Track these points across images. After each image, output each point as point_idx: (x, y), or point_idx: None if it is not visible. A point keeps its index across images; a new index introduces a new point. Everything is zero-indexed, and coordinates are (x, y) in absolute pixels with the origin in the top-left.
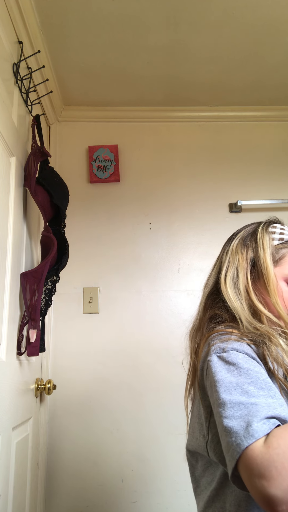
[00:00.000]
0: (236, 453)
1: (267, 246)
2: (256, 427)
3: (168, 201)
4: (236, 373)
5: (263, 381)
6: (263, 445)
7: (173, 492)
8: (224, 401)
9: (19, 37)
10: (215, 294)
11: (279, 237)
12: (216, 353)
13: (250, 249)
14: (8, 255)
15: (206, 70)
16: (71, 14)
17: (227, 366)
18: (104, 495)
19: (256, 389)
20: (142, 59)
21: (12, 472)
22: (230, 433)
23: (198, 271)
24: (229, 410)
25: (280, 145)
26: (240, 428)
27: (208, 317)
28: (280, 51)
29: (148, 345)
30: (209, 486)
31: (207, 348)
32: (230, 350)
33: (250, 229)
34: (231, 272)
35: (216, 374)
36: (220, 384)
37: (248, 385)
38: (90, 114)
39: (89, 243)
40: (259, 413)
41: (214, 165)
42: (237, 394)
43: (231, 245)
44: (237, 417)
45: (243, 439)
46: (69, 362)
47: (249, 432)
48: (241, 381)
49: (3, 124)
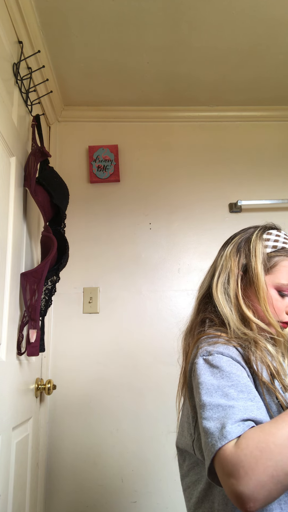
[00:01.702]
0: (211, 453)
1: (259, 254)
2: (230, 429)
3: (168, 201)
4: (218, 376)
5: (244, 384)
6: (234, 446)
7: (173, 492)
8: (204, 402)
9: (19, 37)
10: (207, 298)
11: (272, 244)
12: (202, 356)
13: (243, 256)
14: (8, 255)
15: (206, 70)
16: (71, 14)
17: (211, 369)
18: (104, 495)
19: (236, 392)
20: (142, 59)
21: (12, 472)
22: (207, 434)
23: (198, 271)
24: (208, 412)
25: (280, 145)
26: (216, 429)
27: (199, 320)
28: (280, 51)
29: (148, 345)
30: (194, 486)
31: (195, 350)
32: (215, 354)
33: (246, 234)
34: (222, 278)
35: (200, 376)
36: (203, 386)
37: (228, 388)
38: (90, 114)
39: (89, 243)
40: (235, 415)
41: (214, 165)
42: (217, 396)
43: (226, 250)
44: (214, 419)
45: (217, 440)
46: (69, 362)
47: (223, 433)
48: (222, 384)
49: (3, 124)
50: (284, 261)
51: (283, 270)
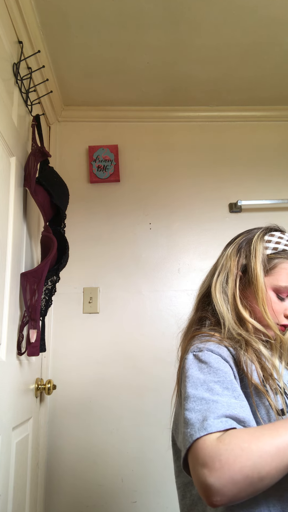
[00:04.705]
0: (188, 442)
1: (259, 255)
2: (212, 422)
3: (168, 201)
4: (206, 371)
5: (230, 381)
6: (216, 439)
7: (173, 492)
8: (189, 394)
9: (19, 37)
10: (206, 296)
11: (273, 246)
12: (193, 352)
13: (243, 256)
14: (8, 255)
15: (206, 70)
16: (71, 14)
17: (199, 364)
18: (104, 495)
19: (221, 388)
20: (142, 59)
21: (12, 472)
22: (187, 424)
23: (198, 271)
24: (191, 403)
25: (280, 145)
26: (197, 421)
27: (196, 318)
28: (280, 51)
29: (148, 345)
30: (187, 488)
31: (188, 347)
32: (205, 350)
33: (249, 235)
34: (221, 277)
35: (188, 370)
36: (189, 379)
37: (214, 383)
38: (90, 114)
39: (89, 243)
40: (218, 410)
41: (214, 165)
42: (202, 390)
43: (228, 250)
44: (196, 411)
45: (196, 431)
46: (69, 362)
47: (203, 425)
48: (208, 379)
49: (3, 124)
50: (283, 263)
51: (282, 272)
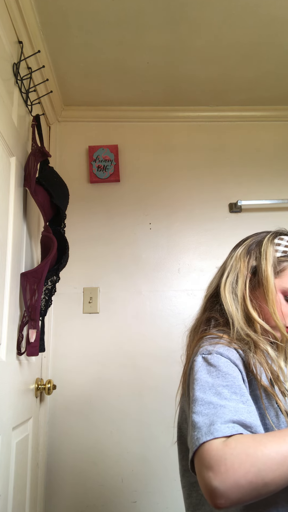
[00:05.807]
0: (195, 446)
1: (270, 257)
2: (218, 427)
3: (168, 201)
4: (214, 375)
5: (238, 386)
6: (222, 443)
7: (173, 492)
8: (197, 397)
9: (19, 37)
10: (215, 296)
11: (283, 249)
12: (202, 354)
13: (253, 258)
14: (8, 255)
15: (206, 70)
16: (71, 14)
17: (208, 367)
18: (104, 495)
19: (230, 392)
20: (142, 59)
21: (12, 472)
22: (195, 427)
23: (198, 271)
24: (199, 407)
25: (280, 145)
26: (204, 424)
27: (204, 318)
28: (280, 51)
29: (148, 345)
30: (193, 488)
31: (196, 348)
32: (215, 353)
33: (258, 237)
34: (231, 278)
35: (197, 373)
36: (198, 382)
37: (222, 387)
38: (90, 114)
39: (89, 243)
40: (225, 415)
41: (214, 165)
42: (210, 394)
43: (237, 251)
44: (204, 414)
45: (203, 435)
46: (69, 362)
47: (210, 430)
48: (217, 383)
49: (3, 124)
50: None
51: None
